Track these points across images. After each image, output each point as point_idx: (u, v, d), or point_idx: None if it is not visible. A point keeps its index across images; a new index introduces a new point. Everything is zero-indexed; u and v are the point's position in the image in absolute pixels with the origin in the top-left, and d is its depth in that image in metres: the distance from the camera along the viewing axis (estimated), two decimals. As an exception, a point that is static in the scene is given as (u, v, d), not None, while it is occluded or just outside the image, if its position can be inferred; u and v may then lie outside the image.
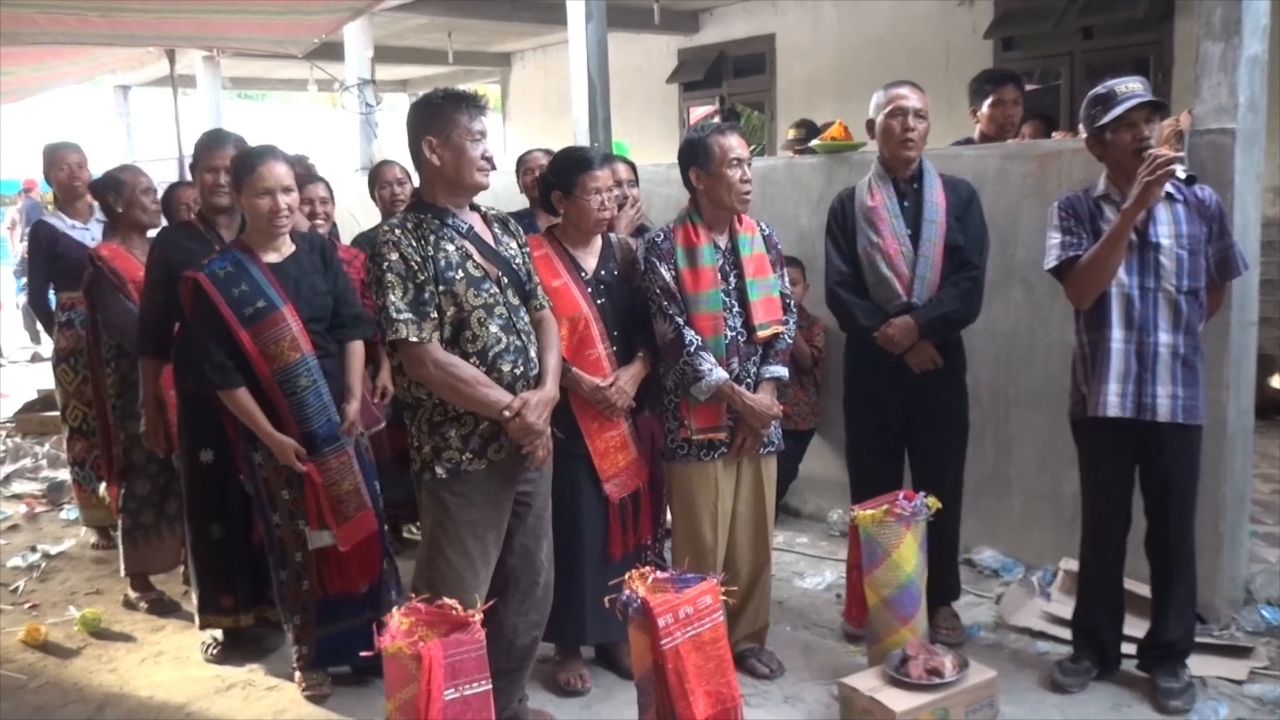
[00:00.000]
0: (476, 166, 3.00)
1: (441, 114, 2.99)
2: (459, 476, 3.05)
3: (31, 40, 6.17)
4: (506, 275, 3.08)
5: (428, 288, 2.95)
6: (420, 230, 3.00)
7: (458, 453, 3.04)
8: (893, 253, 3.74)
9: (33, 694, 3.85)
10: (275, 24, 6.34)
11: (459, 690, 2.58)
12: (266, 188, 3.43)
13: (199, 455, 3.97)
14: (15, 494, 6.43)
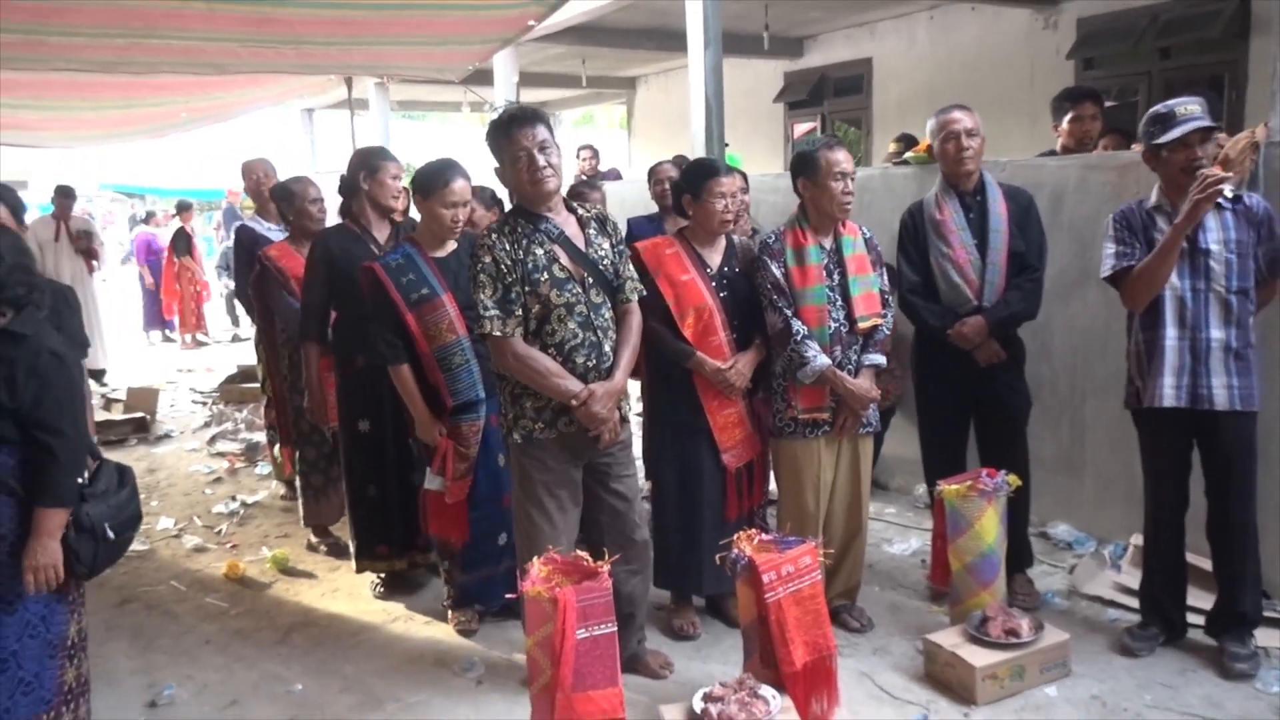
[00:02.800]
0: (527, 178, 2.97)
1: (496, 137, 3.01)
2: (532, 443, 3.10)
3: (236, 70, 6.43)
4: (592, 275, 3.07)
5: (515, 288, 2.97)
6: (515, 235, 3.01)
7: (531, 422, 3.08)
8: (962, 262, 3.66)
9: (233, 619, 4.00)
10: (436, 54, 6.47)
11: (589, 630, 2.61)
12: (454, 201, 3.51)
13: (357, 425, 4.05)
14: (219, 452, 6.64)
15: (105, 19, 4.72)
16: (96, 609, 3.86)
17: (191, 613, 4.07)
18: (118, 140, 12.25)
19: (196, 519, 5.29)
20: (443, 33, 5.81)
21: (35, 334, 2.59)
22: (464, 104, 12.49)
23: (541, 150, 2.93)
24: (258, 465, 6.19)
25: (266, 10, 4.89)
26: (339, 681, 3.42)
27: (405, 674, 3.46)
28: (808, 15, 9.74)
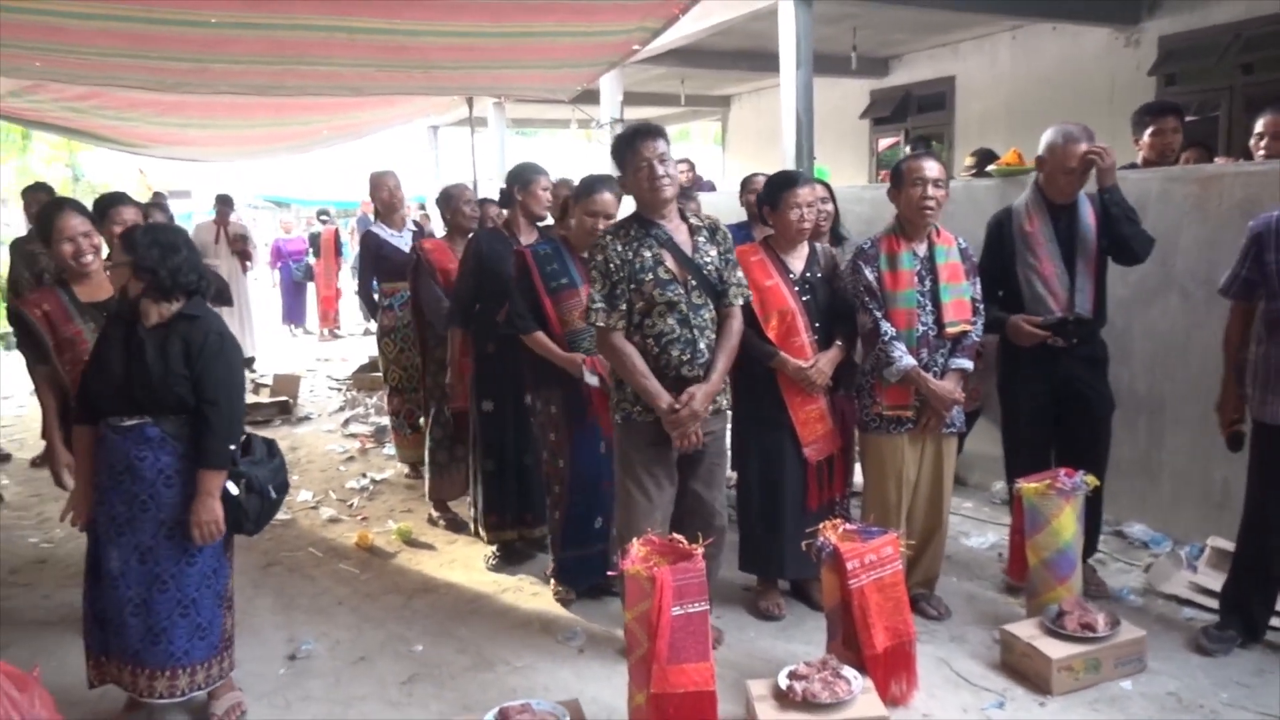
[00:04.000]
0: (647, 185, 3.02)
1: (622, 148, 3.07)
2: (631, 424, 3.14)
3: (372, 91, 6.59)
4: (695, 279, 3.08)
5: (621, 285, 3.04)
6: (627, 238, 3.08)
7: (630, 405, 3.13)
8: (1049, 275, 3.50)
9: (363, 583, 4.11)
10: (550, 75, 6.53)
11: (684, 608, 2.61)
12: (595, 210, 3.57)
13: (482, 405, 4.17)
14: (352, 434, 6.83)
15: (262, 48, 4.89)
16: (245, 569, 4.02)
17: (327, 576, 4.20)
18: (268, 155, 12.72)
19: (332, 493, 5.45)
20: (557, 57, 5.85)
21: (204, 316, 2.81)
22: (572, 121, 12.60)
23: (661, 161, 3.00)
24: (385, 446, 6.33)
25: (401, 39, 5.00)
26: (455, 643, 3.49)
27: (514, 639, 3.51)
28: (893, 36, 9.55)
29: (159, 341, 2.74)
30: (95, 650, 2.81)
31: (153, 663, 2.76)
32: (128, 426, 2.73)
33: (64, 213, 3.28)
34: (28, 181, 6.91)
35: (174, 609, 2.78)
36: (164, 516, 2.75)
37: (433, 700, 3.09)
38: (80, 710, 2.94)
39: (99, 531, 2.76)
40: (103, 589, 2.76)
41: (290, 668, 3.34)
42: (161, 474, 2.75)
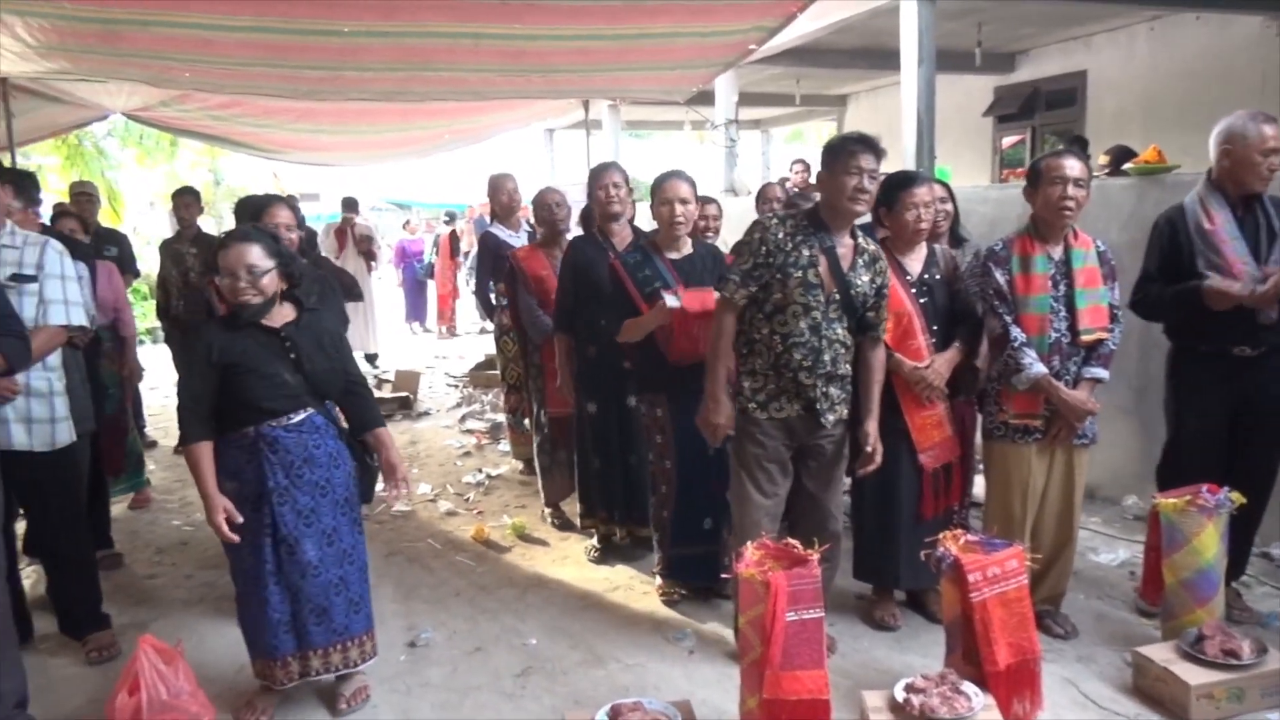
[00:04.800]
0: (847, 195, 2.98)
1: (836, 151, 3.02)
2: (748, 418, 3.14)
3: (493, 95, 6.77)
4: (841, 295, 3.04)
5: (762, 269, 3.03)
6: (792, 229, 3.06)
7: (747, 400, 3.13)
8: (1239, 275, 3.21)
9: (479, 576, 4.21)
10: (666, 77, 6.56)
11: (798, 614, 2.56)
12: (666, 198, 3.61)
13: (587, 406, 4.22)
14: (469, 429, 7.00)
15: (391, 55, 5.08)
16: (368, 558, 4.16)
17: (445, 568, 4.32)
18: (392, 159, 13.17)
19: (449, 487, 5.60)
20: (673, 58, 5.87)
21: (319, 307, 3.09)
22: (685, 123, 12.62)
23: (871, 178, 2.98)
24: (500, 443, 6.46)
25: (521, 44, 5.11)
26: (567, 639, 3.53)
27: (625, 637, 3.53)
28: (1020, 31, 9.20)
29: (304, 337, 2.89)
30: (284, 650, 2.92)
31: (359, 629, 3.01)
32: (298, 422, 2.87)
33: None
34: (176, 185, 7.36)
35: (361, 577, 3.03)
36: (338, 496, 2.95)
37: (545, 694, 3.14)
38: (217, 686, 3.10)
39: (287, 530, 2.85)
40: (300, 584, 2.88)
41: (410, 655, 3.44)
42: (331, 458, 2.93)
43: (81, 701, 3.14)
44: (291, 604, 2.92)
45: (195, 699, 2.81)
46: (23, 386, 3.16)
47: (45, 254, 3.26)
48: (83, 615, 3.53)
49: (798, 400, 3.09)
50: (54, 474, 3.34)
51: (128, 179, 15.20)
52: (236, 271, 2.79)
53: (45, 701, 3.03)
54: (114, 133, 14.00)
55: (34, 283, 3.20)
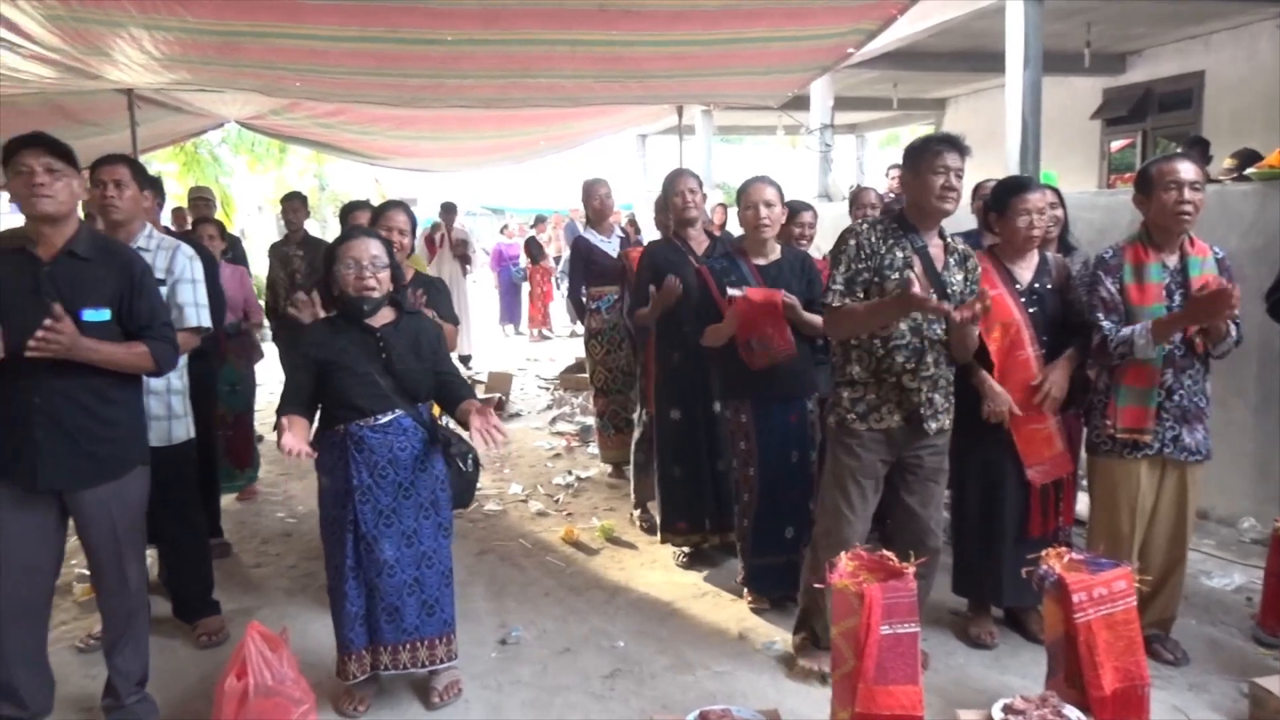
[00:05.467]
0: (935, 194, 2.93)
1: (920, 151, 3.00)
2: (845, 430, 3.06)
3: (589, 102, 6.83)
4: (938, 292, 2.97)
5: (864, 274, 3.00)
6: (883, 233, 3.03)
7: (845, 411, 3.07)
8: None
9: (568, 577, 4.25)
10: (760, 82, 6.51)
11: (893, 627, 2.52)
12: (752, 201, 3.64)
13: (670, 413, 4.23)
14: (559, 431, 7.09)
15: (491, 63, 5.18)
16: (460, 556, 4.23)
17: (535, 567, 4.37)
18: (489, 165, 13.41)
19: (540, 488, 5.67)
20: (768, 63, 5.83)
21: (418, 311, 3.18)
22: (779, 128, 12.50)
23: (958, 176, 2.95)
24: (589, 446, 6.52)
25: (618, 50, 5.14)
26: (655, 643, 3.54)
27: (712, 644, 3.52)
28: (1132, 30, 8.83)
29: (399, 338, 2.96)
30: (357, 644, 3.01)
31: (431, 632, 3.04)
32: (385, 422, 2.95)
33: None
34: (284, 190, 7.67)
35: (440, 581, 3.06)
36: (422, 499, 3.00)
37: (633, 696, 3.15)
38: (317, 673, 3.20)
39: (367, 529, 2.95)
40: (375, 582, 2.97)
41: (501, 652, 3.50)
42: (417, 461, 2.99)
43: (193, 682, 3.29)
44: (366, 600, 3.00)
45: (298, 685, 2.90)
46: None
47: (176, 259, 3.45)
48: (195, 600, 3.70)
49: (900, 410, 3.03)
50: (171, 468, 3.50)
51: (239, 184, 15.89)
52: (361, 261, 2.91)
53: (161, 681, 3.17)
54: (227, 140, 14.66)
55: (163, 286, 3.38)
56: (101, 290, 2.69)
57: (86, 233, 2.79)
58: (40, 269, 2.68)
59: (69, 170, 2.68)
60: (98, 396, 2.75)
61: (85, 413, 2.73)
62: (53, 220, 2.68)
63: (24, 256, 2.69)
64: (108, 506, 2.83)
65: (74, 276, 2.70)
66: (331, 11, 4.21)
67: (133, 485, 2.91)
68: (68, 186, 2.68)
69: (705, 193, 4.32)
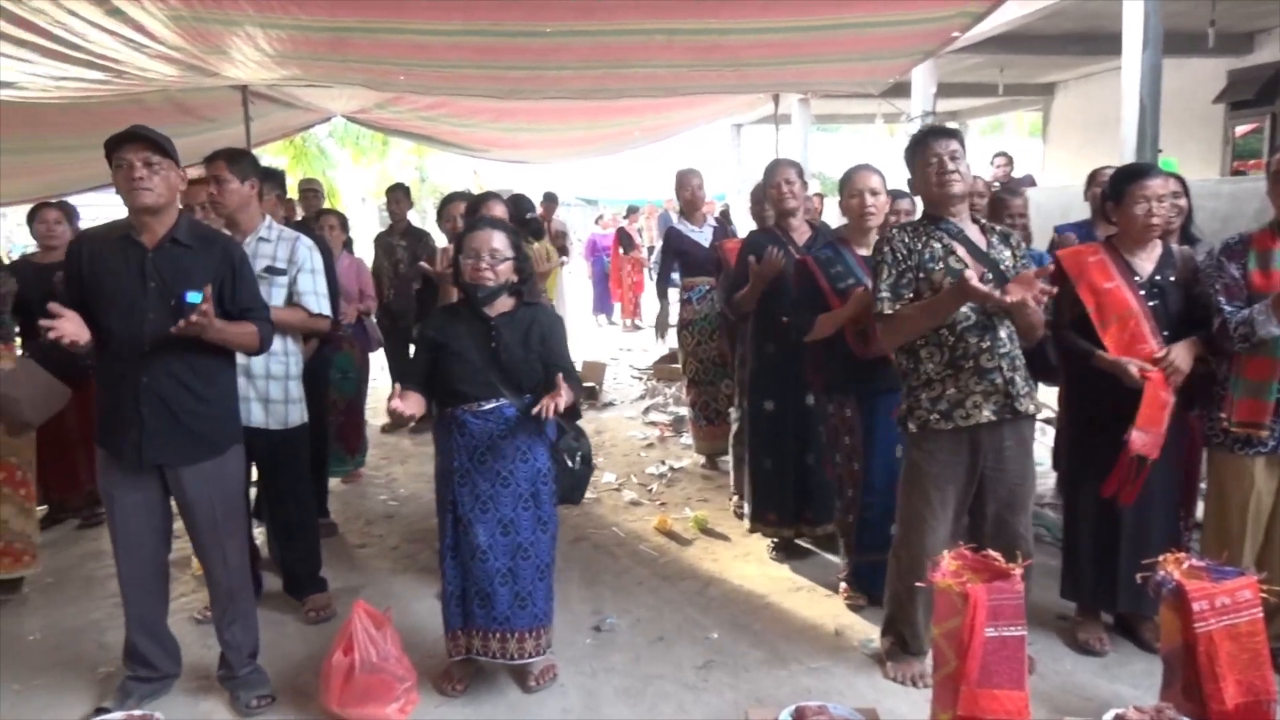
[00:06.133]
0: (935, 180, 2.94)
1: (913, 149, 3.02)
2: (926, 434, 2.98)
3: (684, 91, 6.81)
4: (991, 272, 2.90)
5: (908, 274, 2.95)
6: (915, 232, 3.00)
7: (926, 413, 2.97)
8: None
9: (662, 566, 4.26)
10: (860, 69, 6.37)
11: (998, 630, 2.44)
12: (856, 190, 3.58)
13: (763, 404, 4.19)
14: (651, 421, 7.10)
15: (589, 54, 5.20)
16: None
17: (628, 556, 4.39)
18: (583, 156, 13.54)
19: (633, 477, 5.69)
20: (867, 49, 5.70)
21: (539, 301, 3.19)
22: (877, 115, 12.22)
23: (952, 159, 2.93)
24: (682, 436, 6.52)
25: (714, 38, 5.10)
26: (749, 636, 3.51)
27: (807, 639, 3.47)
28: (1262, 7, 8.31)
29: (511, 329, 3.01)
30: (453, 624, 3.08)
31: (521, 625, 3.03)
32: (488, 410, 3.00)
33: None
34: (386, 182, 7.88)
35: (535, 574, 3.05)
36: (521, 490, 3.02)
37: (727, 689, 3.13)
38: (418, 653, 3.27)
39: (463, 511, 3.01)
40: (469, 565, 3.02)
41: (595, 639, 3.53)
42: (519, 450, 3.01)
43: (302, 657, 3.41)
44: (462, 581, 3.05)
45: (401, 663, 3.00)
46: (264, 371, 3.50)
47: (297, 249, 3.60)
48: (304, 577, 3.84)
49: (988, 401, 2.92)
50: (285, 449, 3.66)
51: (343, 176, 16.42)
52: (480, 253, 2.99)
53: (271, 654, 3.30)
54: (334, 134, 15.17)
55: (284, 275, 3.53)
56: (202, 275, 2.80)
57: (186, 221, 2.93)
58: (145, 256, 2.82)
59: (166, 163, 2.80)
60: (200, 377, 2.89)
61: (188, 392, 2.87)
62: (153, 211, 2.81)
63: (130, 245, 2.84)
64: (207, 486, 2.95)
65: (176, 262, 2.83)
66: (437, 6, 4.29)
67: (230, 465, 3.03)
68: (166, 179, 2.80)
69: (805, 182, 4.25)
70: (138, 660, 3.08)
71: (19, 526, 3.90)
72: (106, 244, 2.86)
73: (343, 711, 2.90)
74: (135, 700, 3.02)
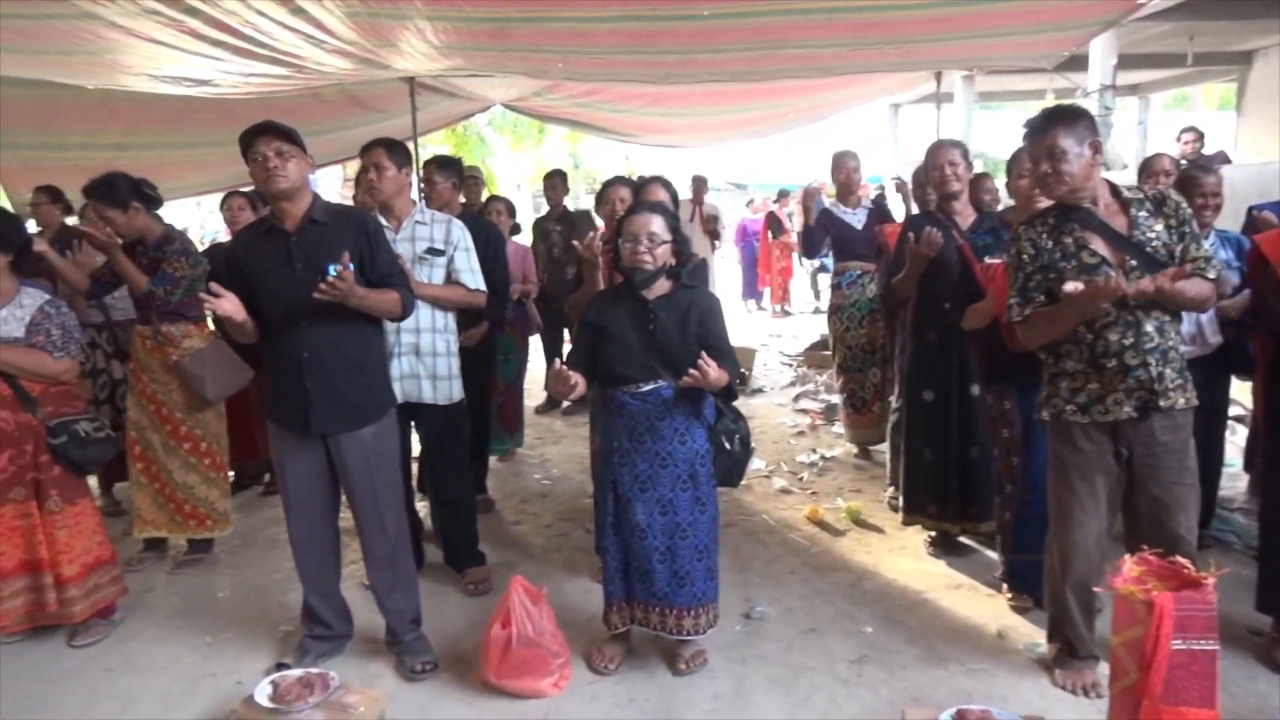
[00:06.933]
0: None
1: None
2: (1062, 423, 2.82)
3: (843, 71, 6.62)
4: (1137, 258, 2.70)
5: (1035, 276, 2.83)
6: (1045, 227, 2.85)
7: (1063, 403, 2.83)
8: None
9: (814, 556, 4.18)
10: (1031, 42, 6.02)
11: (1187, 643, 2.26)
12: (1027, 168, 3.32)
13: (922, 394, 4.05)
14: (802, 409, 7.00)
15: (745, 36, 5.13)
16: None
17: (778, 544, 4.34)
18: (734, 140, 13.39)
19: (783, 465, 5.62)
20: (1042, 20, 5.37)
21: (698, 284, 3.19)
22: (1048, 91, 11.52)
23: (1049, 156, 2.74)
24: (834, 425, 6.39)
25: (876, 15, 4.93)
26: (905, 632, 3.40)
27: (967, 639, 3.34)
28: None
29: (669, 311, 3.02)
30: (616, 596, 3.14)
31: (680, 602, 3.07)
32: (646, 391, 3.02)
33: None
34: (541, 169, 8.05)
35: (693, 554, 3.07)
36: (679, 471, 3.04)
37: (882, 685, 3.05)
38: (570, 631, 3.34)
39: (623, 490, 3.07)
40: (629, 541, 3.07)
41: (745, 626, 3.50)
42: (676, 432, 3.03)
43: (461, 627, 3.55)
44: (624, 556, 3.10)
45: (555, 639, 3.07)
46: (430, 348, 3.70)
47: (451, 230, 3.78)
48: (463, 550, 4.00)
49: (1131, 398, 2.72)
50: (449, 424, 3.85)
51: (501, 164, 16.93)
52: (639, 236, 3.02)
53: (432, 622, 3.45)
54: (492, 122, 15.64)
55: (442, 256, 3.72)
56: (341, 248, 2.94)
57: (321, 201, 3.10)
58: (288, 240, 3.01)
59: (296, 151, 2.98)
60: (354, 348, 3.07)
61: (346, 363, 3.05)
62: (288, 195, 3.00)
63: (274, 232, 3.04)
64: (365, 453, 3.12)
65: (317, 239, 3.00)
66: (596, -7, 4.34)
67: (385, 433, 3.18)
68: (297, 166, 2.98)
69: (970, 163, 4.05)
70: (314, 619, 3.28)
71: (204, 494, 4.22)
72: (256, 235, 3.09)
73: (500, 682, 3.00)
74: (312, 658, 3.23)
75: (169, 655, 3.43)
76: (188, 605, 3.88)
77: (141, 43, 4.39)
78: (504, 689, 3.00)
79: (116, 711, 3.07)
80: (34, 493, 3.40)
